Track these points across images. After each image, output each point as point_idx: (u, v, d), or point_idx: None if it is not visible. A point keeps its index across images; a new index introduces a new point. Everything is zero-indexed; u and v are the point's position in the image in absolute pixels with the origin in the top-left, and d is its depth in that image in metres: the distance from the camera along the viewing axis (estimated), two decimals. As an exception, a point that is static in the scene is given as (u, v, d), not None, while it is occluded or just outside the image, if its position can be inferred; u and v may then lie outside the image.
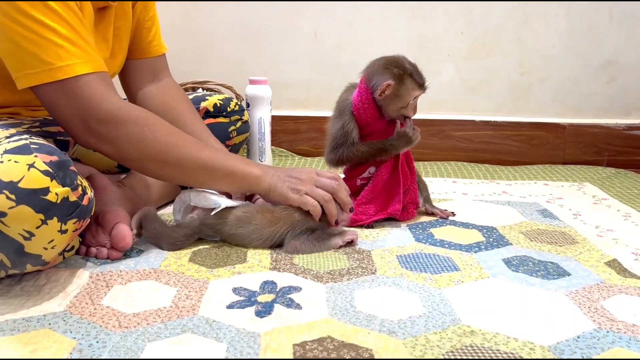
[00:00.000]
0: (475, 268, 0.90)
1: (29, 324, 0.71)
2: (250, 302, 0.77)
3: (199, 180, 0.97)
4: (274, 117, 1.71)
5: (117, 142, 0.90)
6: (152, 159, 0.92)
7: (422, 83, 1.08)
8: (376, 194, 1.11)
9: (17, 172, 0.71)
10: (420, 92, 1.09)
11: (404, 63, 1.08)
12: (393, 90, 1.06)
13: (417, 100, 1.10)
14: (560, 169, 1.72)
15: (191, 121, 1.14)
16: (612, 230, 1.12)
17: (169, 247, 0.96)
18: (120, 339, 0.67)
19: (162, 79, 1.18)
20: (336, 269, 0.89)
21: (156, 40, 1.16)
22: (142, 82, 1.17)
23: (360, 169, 1.14)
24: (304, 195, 0.97)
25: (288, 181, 0.98)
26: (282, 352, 0.64)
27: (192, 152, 0.94)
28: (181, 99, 1.18)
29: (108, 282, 0.83)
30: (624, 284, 0.85)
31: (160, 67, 1.18)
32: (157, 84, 1.17)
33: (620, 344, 0.67)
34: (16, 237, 0.72)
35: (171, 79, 1.21)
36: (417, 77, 1.07)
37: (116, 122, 0.89)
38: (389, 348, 0.65)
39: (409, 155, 1.14)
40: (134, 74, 1.16)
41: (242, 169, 0.97)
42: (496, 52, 1.85)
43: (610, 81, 1.85)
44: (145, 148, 0.91)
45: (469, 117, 1.88)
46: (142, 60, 1.15)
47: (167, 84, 1.18)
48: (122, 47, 1.08)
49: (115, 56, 1.07)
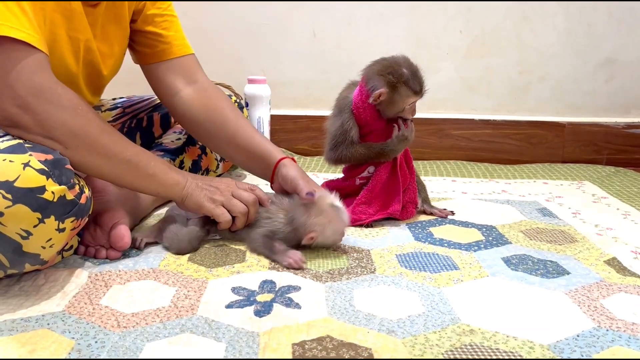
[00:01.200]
0: (475, 267, 0.90)
1: (27, 324, 0.70)
2: (249, 302, 0.77)
3: (123, 175, 0.90)
4: (272, 117, 1.70)
5: (45, 119, 0.81)
6: (79, 145, 0.83)
7: (418, 90, 1.06)
8: (375, 194, 1.11)
9: (13, 171, 0.71)
10: (415, 98, 1.07)
11: (400, 68, 1.05)
12: (387, 97, 1.05)
13: (415, 104, 1.09)
14: (559, 168, 1.72)
15: (235, 120, 1.11)
16: (612, 228, 1.12)
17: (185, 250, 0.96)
18: (119, 338, 0.67)
19: (197, 80, 1.14)
20: (335, 268, 0.89)
21: (178, 41, 1.13)
22: (176, 85, 1.12)
23: (359, 168, 1.13)
24: (219, 206, 0.96)
25: (206, 189, 0.96)
26: (281, 351, 0.64)
27: (118, 145, 0.88)
28: (220, 98, 1.14)
29: (107, 282, 0.83)
30: (623, 282, 0.85)
31: (191, 68, 1.14)
32: (194, 86, 1.13)
33: (619, 342, 0.67)
34: (14, 237, 0.72)
35: (207, 80, 1.16)
36: (412, 84, 1.04)
37: (48, 97, 0.81)
38: (388, 347, 0.65)
39: (408, 154, 1.14)
40: (164, 77, 1.12)
41: (164, 171, 0.93)
42: (495, 50, 1.85)
43: (610, 79, 1.85)
44: (74, 133, 0.83)
45: (468, 115, 1.88)
46: (168, 62, 1.12)
47: (204, 85, 1.14)
48: (113, 52, 1.06)
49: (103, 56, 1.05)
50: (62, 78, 0.93)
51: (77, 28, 0.95)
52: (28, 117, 0.79)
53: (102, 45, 1.03)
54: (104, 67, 1.05)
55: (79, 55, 0.98)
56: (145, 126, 1.31)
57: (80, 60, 0.99)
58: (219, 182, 0.99)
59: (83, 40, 0.97)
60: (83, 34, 0.96)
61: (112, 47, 1.06)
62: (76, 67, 0.98)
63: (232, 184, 0.99)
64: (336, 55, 1.84)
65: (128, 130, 1.28)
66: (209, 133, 1.13)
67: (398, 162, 1.11)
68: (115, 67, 1.10)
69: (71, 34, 0.94)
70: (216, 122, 1.12)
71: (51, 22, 0.89)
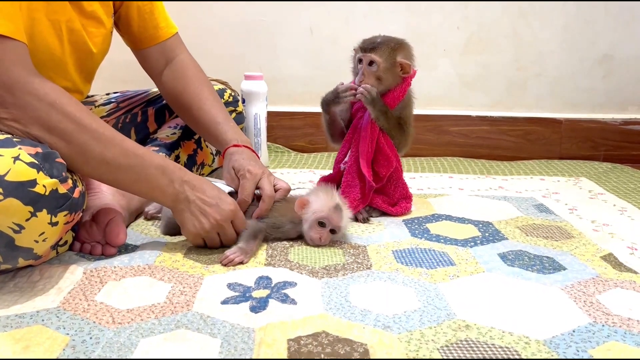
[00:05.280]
0: (471, 263, 0.90)
1: (22, 320, 0.70)
2: (245, 298, 0.76)
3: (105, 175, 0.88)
4: (269, 113, 1.70)
5: (20, 115, 0.80)
6: (55, 142, 0.81)
7: (362, 46, 1.07)
8: (353, 175, 1.11)
9: (3, 165, 0.71)
10: (357, 53, 1.08)
11: (377, 36, 1.08)
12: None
13: (364, 67, 1.07)
14: (556, 164, 1.72)
15: (197, 104, 1.13)
16: (608, 224, 1.12)
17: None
18: (114, 334, 0.67)
19: (173, 58, 1.16)
20: (331, 264, 0.89)
21: (163, 22, 1.15)
22: (158, 69, 1.16)
23: (342, 154, 1.15)
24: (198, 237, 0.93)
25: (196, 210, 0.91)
26: (277, 347, 0.64)
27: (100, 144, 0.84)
28: (190, 81, 1.15)
29: (102, 278, 0.83)
30: (619, 278, 0.85)
31: (170, 48, 1.16)
32: (169, 68, 1.16)
33: (615, 337, 0.67)
34: (6, 231, 0.72)
35: (182, 57, 1.18)
36: (361, 42, 1.08)
37: (25, 92, 0.79)
38: (384, 343, 0.65)
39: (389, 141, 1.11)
40: (150, 63, 1.16)
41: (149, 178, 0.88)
42: (492, 47, 1.84)
43: (607, 76, 1.85)
44: (48, 129, 0.81)
45: (465, 112, 1.88)
46: (154, 47, 1.15)
47: (177, 64, 1.16)
48: (99, 31, 1.04)
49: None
50: (48, 63, 0.92)
51: (56, 10, 0.93)
52: (5, 111, 0.79)
53: (87, 22, 1.01)
54: (93, 45, 1.03)
55: (63, 37, 0.96)
56: (140, 121, 1.31)
57: (65, 42, 0.97)
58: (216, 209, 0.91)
59: (64, 21, 0.95)
60: (63, 14, 0.94)
61: (97, 22, 1.03)
62: (61, 50, 0.96)
63: (229, 216, 0.92)
64: (333, 52, 1.84)
65: (122, 125, 1.27)
66: (181, 114, 1.19)
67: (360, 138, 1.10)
68: (104, 45, 1.08)
69: (51, 17, 0.92)
70: (183, 105, 1.15)
71: (28, 7, 0.87)
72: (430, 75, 1.86)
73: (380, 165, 1.10)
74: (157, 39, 1.14)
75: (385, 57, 1.05)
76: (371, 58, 1.05)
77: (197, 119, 1.13)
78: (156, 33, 1.14)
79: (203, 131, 1.15)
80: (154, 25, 1.13)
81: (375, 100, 1.06)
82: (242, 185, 0.99)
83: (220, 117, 1.11)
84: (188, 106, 1.14)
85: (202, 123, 1.13)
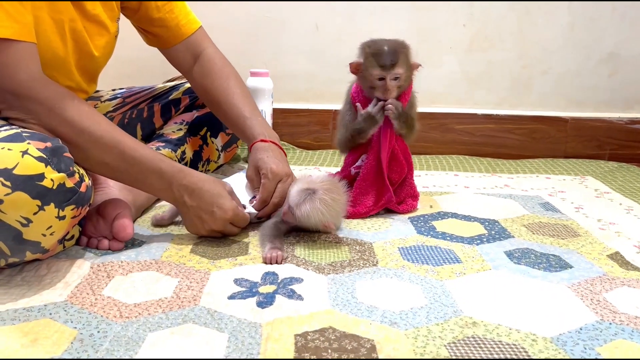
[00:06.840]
0: (477, 260, 0.90)
1: (29, 313, 0.70)
2: (251, 293, 0.76)
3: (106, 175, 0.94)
4: (275, 110, 1.70)
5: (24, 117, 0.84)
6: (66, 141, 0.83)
7: (383, 64, 1.02)
8: (369, 182, 1.11)
9: (11, 159, 0.71)
10: (379, 72, 1.03)
11: (379, 42, 1.05)
12: (362, 69, 1.06)
13: (387, 82, 1.04)
14: (562, 163, 1.72)
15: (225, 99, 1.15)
16: (614, 223, 1.12)
17: None
18: (121, 329, 0.67)
19: (200, 53, 1.18)
20: (338, 260, 0.89)
21: (184, 19, 1.15)
22: (187, 66, 1.18)
23: (353, 157, 1.14)
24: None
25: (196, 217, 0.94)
26: (284, 342, 0.64)
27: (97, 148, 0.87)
28: (216, 77, 1.17)
29: (109, 272, 0.83)
30: (626, 276, 0.85)
31: (195, 43, 1.18)
32: (198, 64, 1.18)
33: (622, 335, 0.67)
34: (14, 224, 0.72)
35: (208, 51, 1.19)
36: (377, 58, 1.03)
37: (26, 97, 0.83)
38: (391, 339, 0.65)
39: (403, 145, 1.12)
40: (178, 61, 1.18)
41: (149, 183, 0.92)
42: (498, 44, 1.84)
43: (612, 74, 1.84)
44: (49, 132, 0.83)
45: (471, 110, 1.87)
46: (178, 46, 1.16)
47: (204, 60, 1.18)
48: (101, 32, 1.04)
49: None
50: (52, 63, 0.92)
51: (59, 9, 0.93)
52: (14, 113, 0.84)
53: (90, 25, 1.00)
54: (94, 48, 1.03)
55: (65, 37, 0.96)
56: (146, 117, 1.31)
57: (68, 42, 0.96)
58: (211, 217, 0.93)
59: (67, 20, 0.95)
60: (66, 14, 0.94)
61: (100, 27, 1.03)
62: (64, 50, 0.96)
63: (224, 224, 0.94)
64: (338, 49, 1.84)
65: (128, 121, 1.28)
66: (213, 110, 1.21)
67: (381, 148, 1.08)
68: (107, 49, 1.07)
69: (54, 16, 0.92)
70: (213, 101, 1.17)
71: (32, 6, 0.87)
72: (435, 73, 1.85)
73: (394, 171, 1.11)
74: (181, 37, 1.16)
75: (405, 67, 1.05)
76: (396, 74, 1.03)
77: (226, 114, 1.16)
78: (178, 31, 1.15)
79: (232, 126, 1.17)
80: (175, 23, 1.14)
81: (401, 114, 1.07)
82: (263, 185, 1.01)
83: (247, 111, 1.13)
84: (217, 102, 1.16)
85: (230, 118, 1.15)
